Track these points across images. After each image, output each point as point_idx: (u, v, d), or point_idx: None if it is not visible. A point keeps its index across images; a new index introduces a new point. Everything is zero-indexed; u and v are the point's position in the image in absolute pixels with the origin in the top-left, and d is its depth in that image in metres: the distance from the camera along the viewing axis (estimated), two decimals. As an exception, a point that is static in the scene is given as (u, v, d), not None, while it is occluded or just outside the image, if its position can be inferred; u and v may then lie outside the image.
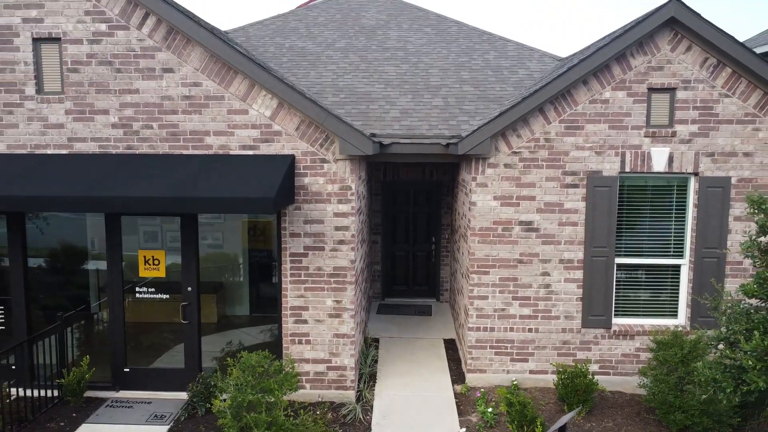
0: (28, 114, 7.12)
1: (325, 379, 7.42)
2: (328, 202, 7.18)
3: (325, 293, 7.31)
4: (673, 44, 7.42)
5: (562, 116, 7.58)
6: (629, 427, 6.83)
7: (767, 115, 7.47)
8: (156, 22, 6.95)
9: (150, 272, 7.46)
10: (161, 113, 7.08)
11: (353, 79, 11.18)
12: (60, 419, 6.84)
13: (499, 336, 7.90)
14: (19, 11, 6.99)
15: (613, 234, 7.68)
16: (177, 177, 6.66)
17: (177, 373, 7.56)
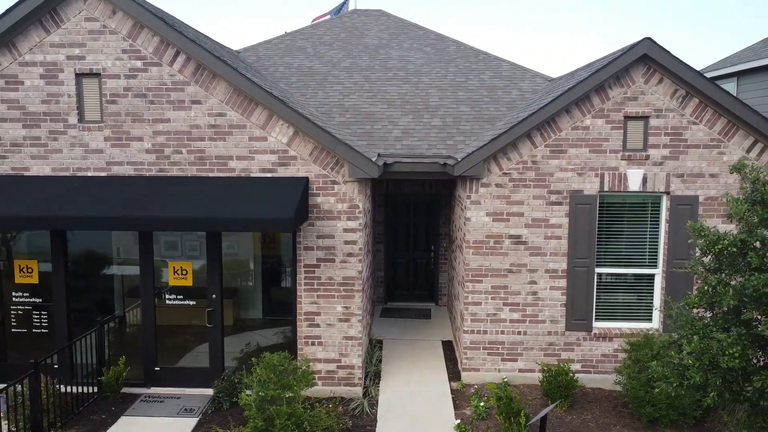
0: (71, 140, 8.00)
1: (335, 377, 8.29)
2: (338, 219, 8.05)
3: (336, 300, 8.19)
4: (646, 77, 8.29)
5: (548, 141, 8.45)
6: (605, 419, 7.71)
7: (731, 141, 8.34)
8: (186, 59, 7.82)
9: (179, 281, 8.34)
10: (190, 140, 7.96)
11: (358, 99, 12.04)
12: (101, 412, 7.72)
13: (492, 338, 8.77)
14: (63, 49, 7.86)
15: (593, 246, 8.55)
16: (205, 198, 7.53)
17: (202, 372, 8.43)
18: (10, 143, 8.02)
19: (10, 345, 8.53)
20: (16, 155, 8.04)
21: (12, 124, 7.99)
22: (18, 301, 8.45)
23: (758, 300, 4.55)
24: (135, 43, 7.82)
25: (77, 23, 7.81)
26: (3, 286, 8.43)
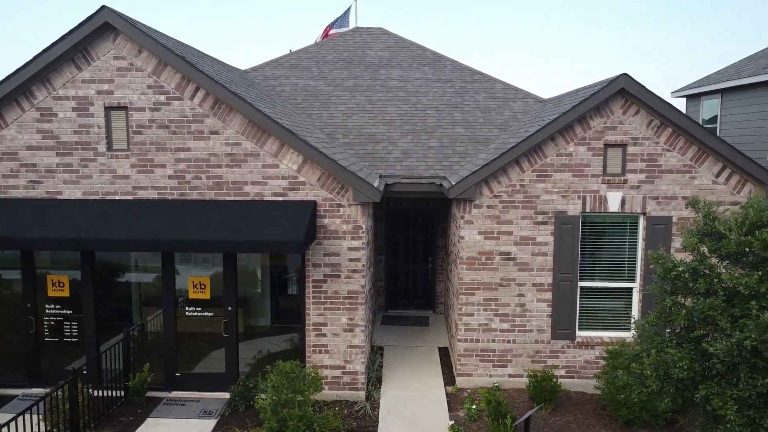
0: (100, 167, 8.79)
1: (340, 382, 9.09)
2: (343, 238, 8.84)
3: (341, 312, 8.99)
4: (624, 109, 9.09)
5: (534, 166, 9.24)
6: (586, 421, 8.51)
7: (701, 167, 9.14)
8: (205, 94, 8.62)
9: (197, 294, 9.13)
10: (208, 167, 8.75)
11: (360, 119, 12.84)
12: (129, 414, 8.51)
13: (484, 346, 9.57)
14: (93, 85, 8.66)
15: (576, 262, 9.35)
16: (222, 221, 8.33)
17: (219, 377, 9.23)
18: (45, 169, 8.82)
19: (43, 353, 9.32)
20: (50, 180, 8.84)
21: (46, 152, 8.79)
22: (50, 313, 9.25)
23: (704, 320, 5.33)
24: (159, 80, 8.62)
25: (106, 61, 8.60)
26: (37, 300, 9.22)
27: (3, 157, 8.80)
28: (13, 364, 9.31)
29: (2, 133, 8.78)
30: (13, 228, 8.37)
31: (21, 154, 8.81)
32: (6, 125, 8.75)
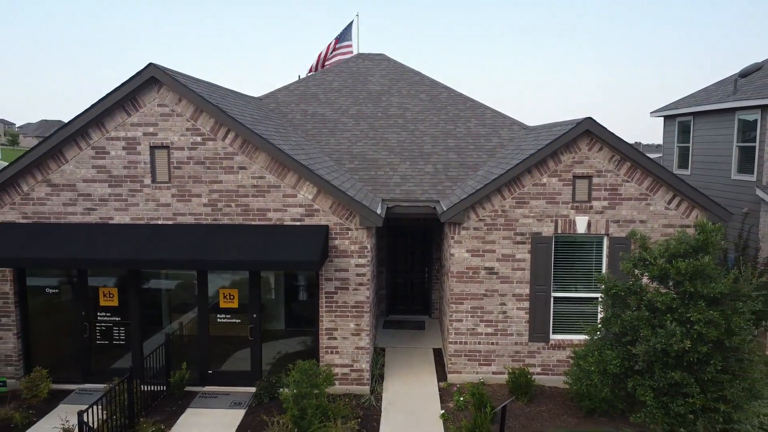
0: (146, 196, 10.40)
1: (349, 378, 10.69)
2: (351, 257, 10.45)
3: (349, 319, 10.59)
4: (590, 146, 10.69)
5: (514, 194, 10.85)
6: (556, 411, 10.11)
7: (656, 195, 10.75)
8: (234, 136, 10.22)
9: (227, 304, 10.74)
10: (237, 196, 10.35)
11: (364, 146, 14.45)
12: (171, 405, 10.12)
13: (471, 347, 11.17)
14: (140, 128, 10.26)
15: (550, 276, 10.95)
16: (249, 243, 9.93)
17: (245, 374, 10.83)
18: (99, 198, 10.42)
19: (94, 354, 10.92)
20: (103, 208, 10.44)
21: (100, 184, 10.40)
22: (102, 320, 10.86)
23: (633, 329, 6.91)
24: (196, 123, 10.22)
25: (151, 108, 10.21)
26: (90, 309, 10.82)
27: (63, 188, 10.41)
28: (69, 364, 10.91)
29: (63, 168, 10.38)
30: (71, 249, 9.97)
31: (78, 186, 10.42)
32: (66, 161, 10.36)
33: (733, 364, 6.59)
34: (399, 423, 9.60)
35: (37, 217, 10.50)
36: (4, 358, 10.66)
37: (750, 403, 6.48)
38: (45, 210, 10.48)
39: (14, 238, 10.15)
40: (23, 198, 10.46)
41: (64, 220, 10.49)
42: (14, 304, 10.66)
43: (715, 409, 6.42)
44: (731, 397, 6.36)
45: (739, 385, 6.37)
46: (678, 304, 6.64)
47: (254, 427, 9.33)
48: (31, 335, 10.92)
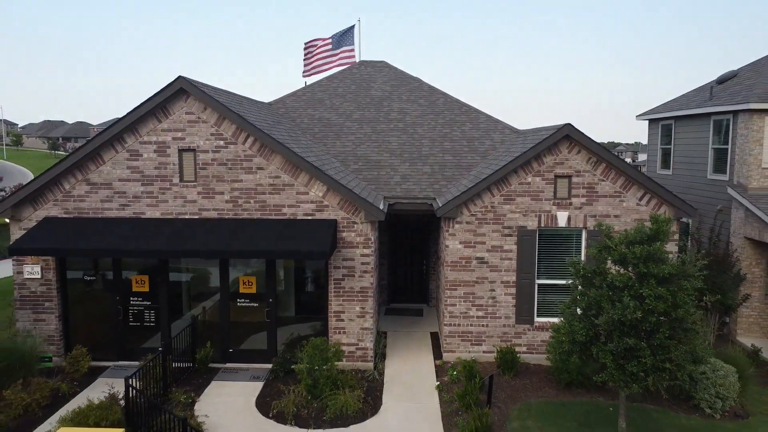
0: (174, 194, 11.69)
1: (355, 356, 11.98)
2: (356, 247, 11.74)
3: (355, 302, 11.88)
4: (569, 149, 11.98)
5: (502, 192, 12.14)
6: (538, 383, 11.40)
7: (629, 192, 12.04)
8: (253, 140, 11.52)
9: (246, 289, 12.03)
10: (255, 194, 11.65)
11: (367, 148, 15.74)
12: (197, 378, 11.41)
13: (464, 329, 12.46)
14: (170, 133, 11.56)
15: (534, 265, 12.23)
16: (266, 235, 11.21)
17: (262, 352, 12.11)
18: (132, 195, 11.72)
19: (127, 335, 12.21)
20: (136, 204, 11.74)
21: (133, 183, 11.69)
22: (134, 304, 12.15)
23: (597, 304, 8.19)
24: (219, 129, 11.52)
25: (180, 115, 11.51)
26: (124, 294, 12.11)
27: (101, 187, 11.71)
28: (105, 343, 12.20)
29: (100, 169, 11.68)
30: (109, 241, 11.26)
31: (114, 185, 11.71)
32: (104, 163, 11.66)
33: (679, 333, 7.87)
34: (399, 393, 10.90)
35: (78, 213, 11.80)
36: (47, 337, 11.95)
37: (691, 364, 7.76)
38: (84, 206, 11.78)
39: (57, 231, 11.45)
40: (65, 195, 11.76)
41: (102, 215, 11.79)
42: (56, 290, 11.95)
43: (662, 368, 7.69)
44: (676, 358, 7.63)
45: (682, 349, 7.64)
46: (633, 283, 7.93)
47: (272, 395, 10.63)
48: (71, 318, 12.21)
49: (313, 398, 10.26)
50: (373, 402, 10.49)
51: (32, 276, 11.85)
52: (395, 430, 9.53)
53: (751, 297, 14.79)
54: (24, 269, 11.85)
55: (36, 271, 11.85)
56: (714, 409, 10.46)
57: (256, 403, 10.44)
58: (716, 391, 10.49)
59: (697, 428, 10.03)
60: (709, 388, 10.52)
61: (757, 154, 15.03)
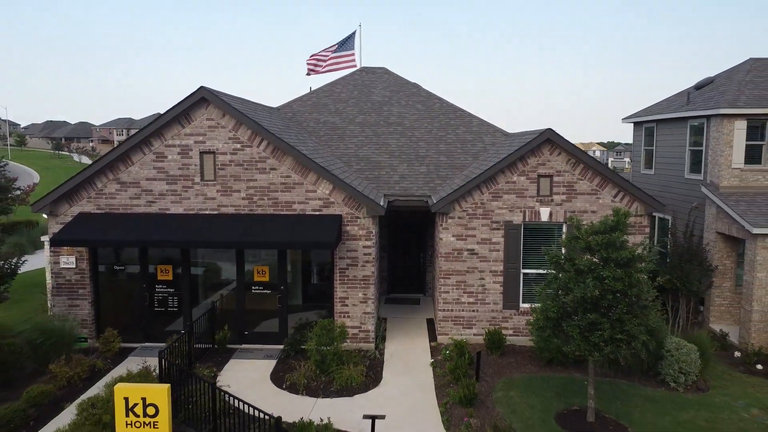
0: (196, 192, 13.02)
1: (358, 337, 13.31)
2: (359, 239, 13.06)
3: (358, 289, 13.21)
4: (551, 151, 13.31)
5: (490, 190, 13.47)
6: (522, 361, 12.73)
7: (604, 190, 13.37)
8: (267, 143, 12.85)
9: (260, 278, 13.37)
10: (269, 191, 12.98)
11: (368, 150, 17.08)
12: (217, 357, 12.74)
13: (456, 314, 13.79)
14: (192, 137, 12.89)
15: (520, 256, 13.56)
16: (279, 228, 12.54)
17: (274, 334, 13.44)
18: (158, 193, 13.05)
19: (152, 319, 13.54)
20: (161, 201, 13.07)
21: (159, 182, 13.02)
22: (159, 291, 13.48)
23: (566, 286, 9.52)
24: (236, 134, 12.86)
25: (201, 121, 12.84)
26: (150, 282, 13.45)
27: (130, 185, 13.05)
28: (133, 326, 13.53)
29: (129, 170, 13.02)
30: (137, 233, 12.59)
31: (142, 183, 13.05)
32: (133, 164, 13.00)
33: (636, 309, 9.19)
34: (398, 368, 12.24)
35: (109, 209, 13.14)
36: (81, 321, 13.27)
37: (645, 335, 9.08)
38: (115, 203, 13.12)
39: (91, 224, 12.79)
40: (97, 193, 13.10)
41: (130, 211, 13.12)
42: (89, 278, 13.29)
43: (619, 339, 9.01)
44: (631, 330, 8.95)
45: (635, 322, 8.96)
46: (596, 266, 9.26)
47: (285, 371, 11.96)
48: (102, 304, 13.55)
49: (322, 372, 11.59)
50: (375, 376, 11.83)
51: (67, 266, 13.20)
52: (394, 398, 10.87)
53: (722, 287, 16.12)
54: (60, 259, 13.19)
55: (71, 261, 13.19)
56: (678, 383, 11.79)
57: (271, 377, 11.78)
58: (679, 367, 11.82)
59: (660, 399, 11.37)
60: (673, 364, 11.85)
61: (727, 155, 16.34)
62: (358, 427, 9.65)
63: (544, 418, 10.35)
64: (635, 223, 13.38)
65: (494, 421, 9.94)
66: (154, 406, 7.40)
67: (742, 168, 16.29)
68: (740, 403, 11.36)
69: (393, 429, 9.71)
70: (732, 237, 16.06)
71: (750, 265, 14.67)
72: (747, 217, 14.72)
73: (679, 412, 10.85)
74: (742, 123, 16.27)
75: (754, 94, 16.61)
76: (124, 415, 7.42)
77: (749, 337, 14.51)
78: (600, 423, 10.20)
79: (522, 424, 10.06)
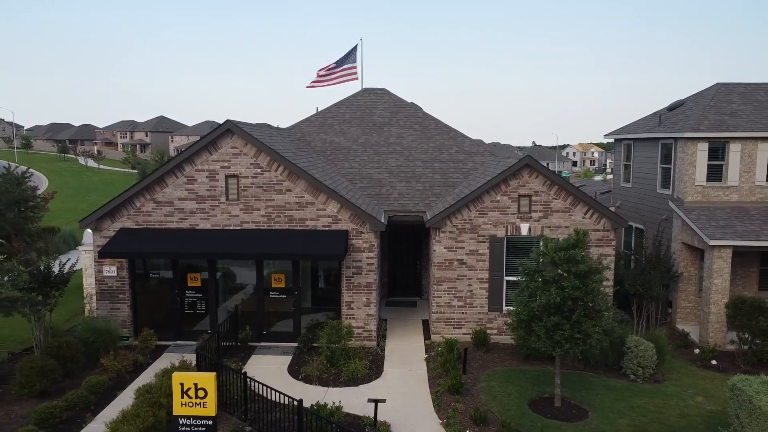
0: (221, 210, 15.03)
1: (362, 336, 15.31)
2: (363, 251, 15.07)
3: (362, 294, 15.21)
4: (530, 174, 15.32)
5: (477, 208, 15.48)
6: (504, 357, 14.73)
7: (576, 208, 15.38)
8: (283, 168, 14.86)
9: (276, 284, 15.37)
10: (284, 210, 14.99)
11: (371, 169, 19.10)
12: (240, 353, 14.74)
13: (447, 316, 15.80)
14: (218, 163, 14.90)
15: (503, 265, 15.57)
16: (293, 242, 14.55)
17: (289, 334, 15.45)
18: (189, 211, 15.06)
19: (183, 320, 15.55)
20: (192, 218, 15.08)
21: (190, 201, 15.03)
22: (189, 296, 15.50)
23: (534, 293, 11.51)
24: (257, 160, 14.86)
25: (226, 149, 14.85)
26: (181, 288, 15.45)
27: (165, 205, 15.06)
28: (166, 327, 15.54)
29: (164, 191, 15.03)
30: (171, 246, 14.59)
31: (175, 203, 15.06)
32: (167, 186, 15.01)
33: (591, 313, 11.19)
34: (396, 362, 14.26)
35: (146, 224, 15.15)
36: (121, 322, 15.28)
37: (600, 335, 11.09)
38: (151, 219, 15.13)
39: (131, 238, 14.79)
40: (136, 211, 15.11)
41: (165, 226, 15.13)
42: (128, 285, 15.30)
43: (577, 337, 11.02)
44: (586, 330, 10.96)
45: (590, 323, 10.97)
46: (560, 277, 11.26)
47: (299, 364, 13.98)
48: (139, 307, 15.56)
49: (331, 366, 13.59)
50: (377, 369, 13.84)
51: (110, 274, 15.21)
52: (394, 387, 12.88)
53: (687, 291, 18.13)
54: (103, 269, 15.20)
55: (113, 270, 15.20)
56: (636, 375, 13.79)
57: (288, 370, 13.79)
58: (638, 361, 13.81)
59: (620, 388, 13.37)
60: (633, 359, 13.85)
61: (691, 174, 18.34)
62: (364, 410, 11.65)
63: (519, 403, 12.35)
64: (603, 237, 15.39)
65: (477, 405, 11.93)
66: (203, 390, 9.38)
67: (705, 185, 18.29)
68: (689, 393, 13.35)
69: (392, 412, 11.70)
70: (695, 247, 18.06)
71: (708, 273, 16.66)
72: (706, 230, 16.72)
73: (634, 398, 12.84)
74: (704, 145, 18.26)
75: (716, 119, 18.59)
76: (180, 397, 9.39)
77: (707, 336, 16.50)
78: (565, 407, 12.21)
79: (500, 408, 12.06)
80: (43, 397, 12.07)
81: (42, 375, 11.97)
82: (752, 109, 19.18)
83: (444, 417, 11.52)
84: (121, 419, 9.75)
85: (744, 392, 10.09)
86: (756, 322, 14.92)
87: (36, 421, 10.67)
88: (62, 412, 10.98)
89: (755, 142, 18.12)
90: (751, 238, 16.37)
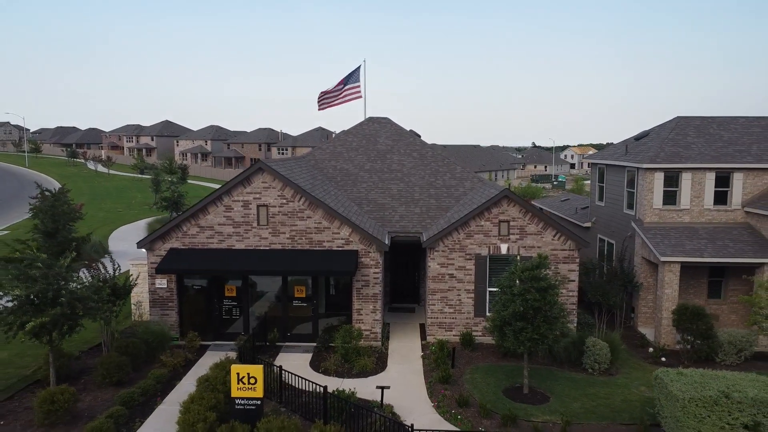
0: (253, 233, 18.23)
1: (369, 338, 18.49)
2: (370, 268, 18.26)
3: (369, 302, 18.40)
4: (508, 204, 18.50)
5: (465, 231, 18.67)
6: (487, 354, 17.92)
7: (547, 231, 18.58)
8: (305, 199, 18.05)
9: (299, 294, 18.57)
10: (306, 233, 18.18)
11: (375, 194, 22.31)
12: (270, 351, 17.92)
13: (440, 321, 18.98)
14: (251, 194, 18.10)
15: (486, 278, 18.75)
16: (313, 260, 17.74)
17: (308, 335, 18.64)
18: (226, 234, 18.26)
19: (221, 324, 18.74)
20: (228, 240, 18.28)
21: (227, 226, 18.23)
22: (225, 304, 18.69)
23: (506, 304, 14.67)
24: (283, 193, 18.06)
25: (257, 184, 18.05)
26: (219, 298, 18.64)
27: (206, 229, 18.26)
28: (207, 330, 18.73)
29: (206, 217, 18.23)
30: (211, 264, 17.78)
31: (215, 227, 18.26)
32: (208, 213, 18.21)
33: (549, 319, 14.37)
34: (397, 359, 17.47)
35: (191, 245, 18.35)
36: (170, 326, 18.47)
37: (555, 336, 14.27)
38: (195, 241, 18.33)
39: (178, 257, 17.98)
40: (183, 234, 18.32)
41: (207, 247, 18.33)
42: (176, 294, 18.50)
43: (536, 338, 14.21)
44: (543, 333, 14.15)
45: (545, 327, 14.15)
46: (524, 291, 14.44)
47: (319, 360, 17.18)
48: (184, 313, 18.75)
49: (345, 362, 16.79)
50: (382, 364, 17.04)
51: (161, 286, 18.41)
52: (396, 379, 16.07)
53: (646, 299, 21.31)
54: (156, 281, 18.40)
55: (163, 282, 18.40)
56: (593, 369, 16.97)
57: (310, 364, 16.99)
58: (595, 358, 17.00)
59: (579, 380, 16.55)
60: (590, 356, 17.04)
61: (650, 199, 21.52)
62: (372, 395, 14.83)
63: (495, 391, 15.54)
64: (569, 255, 18.58)
65: (461, 392, 15.12)
66: (254, 378, 12.53)
67: (661, 208, 21.47)
68: (636, 383, 16.52)
69: (395, 398, 14.89)
70: (651, 262, 21.23)
71: (660, 284, 19.84)
72: (659, 247, 19.90)
73: (589, 388, 16.02)
74: (660, 174, 21.44)
75: (672, 151, 21.77)
76: (236, 383, 12.56)
77: (660, 337, 19.68)
78: (532, 394, 15.40)
79: (480, 395, 15.25)
80: (118, 386, 15.27)
81: (118, 368, 15.18)
82: (704, 142, 22.35)
83: (435, 401, 14.72)
84: (190, 400, 12.91)
85: (663, 381, 13.26)
86: (696, 326, 18.08)
87: (120, 403, 13.86)
88: (139, 396, 14.19)
89: (704, 172, 21.31)
90: (696, 255, 19.56)
